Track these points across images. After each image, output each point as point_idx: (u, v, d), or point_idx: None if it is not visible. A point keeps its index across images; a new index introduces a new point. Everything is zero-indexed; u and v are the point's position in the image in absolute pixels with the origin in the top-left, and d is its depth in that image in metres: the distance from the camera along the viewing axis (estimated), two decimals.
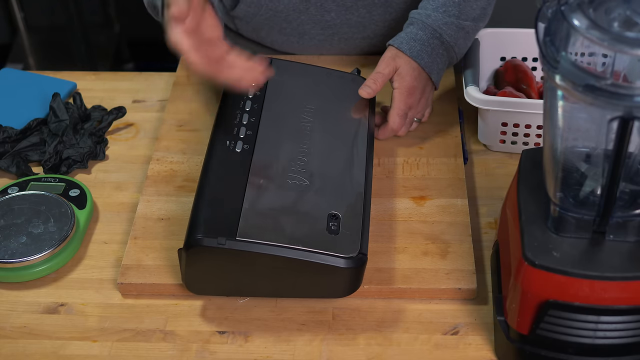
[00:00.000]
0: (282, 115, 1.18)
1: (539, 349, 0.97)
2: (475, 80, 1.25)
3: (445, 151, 1.27)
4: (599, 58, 0.84)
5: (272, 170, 1.10)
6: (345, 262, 1.01)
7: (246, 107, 1.18)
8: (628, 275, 0.91)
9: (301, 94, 1.23)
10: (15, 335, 1.07)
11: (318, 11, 1.37)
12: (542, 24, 0.86)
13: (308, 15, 1.38)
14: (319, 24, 1.39)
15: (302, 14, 1.37)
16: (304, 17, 1.38)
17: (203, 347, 1.05)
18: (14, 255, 1.11)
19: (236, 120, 1.16)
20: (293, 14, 1.37)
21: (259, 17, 1.39)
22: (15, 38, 2.68)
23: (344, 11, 1.38)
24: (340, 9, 1.37)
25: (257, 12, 1.38)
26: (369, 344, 1.05)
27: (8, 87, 1.42)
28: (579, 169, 0.94)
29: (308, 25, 1.39)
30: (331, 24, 1.39)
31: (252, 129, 1.15)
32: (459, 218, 1.17)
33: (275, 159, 1.12)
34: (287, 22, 1.39)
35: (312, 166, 1.11)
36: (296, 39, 1.41)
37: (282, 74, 1.25)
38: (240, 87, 1.12)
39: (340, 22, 1.39)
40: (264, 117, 1.17)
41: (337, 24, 1.39)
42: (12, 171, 1.26)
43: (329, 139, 1.16)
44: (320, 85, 1.26)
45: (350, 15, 1.38)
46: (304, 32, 1.40)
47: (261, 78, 1.11)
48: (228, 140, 1.13)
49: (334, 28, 1.40)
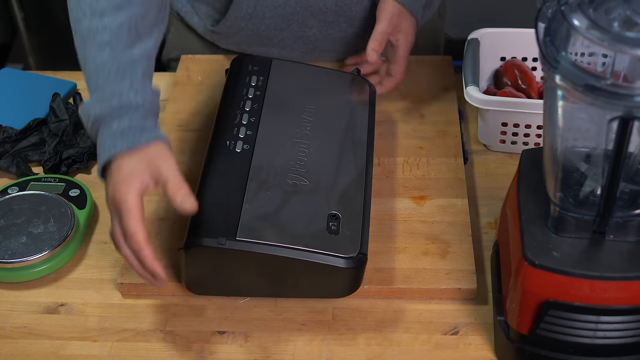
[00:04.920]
0: (282, 115, 1.18)
1: (539, 349, 0.97)
2: (475, 80, 1.25)
3: (445, 151, 1.27)
4: (599, 58, 0.84)
5: (272, 170, 1.10)
6: (346, 262, 1.01)
7: (246, 107, 1.18)
8: (628, 275, 0.91)
9: (301, 94, 1.23)
10: (15, 335, 1.07)
11: (300, 28, 1.38)
12: (542, 24, 0.86)
13: (290, 32, 1.39)
14: (301, 39, 1.40)
15: (283, 31, 1.38)
16: (285, 33, 1.39)
17: (203, 347, 1.05)
18: (14, 255, 1.11)
19: (236, 120, 1.16)
20: (274, 32, 1.38)
21: (239, 34, 1.39)
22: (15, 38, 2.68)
23: (326, 26, 1.38)
24: (321, 25, 1.38)
25: (238, 31, 1.38)
26: (369, 344, 1.05)
27: (8, 87, 1.42)
28: (579, 169, 0.94)
29: (290, 41, 1.40)
30: (313, 39, 1.40)
31: (252, 129, 1.15)
32: (459, 218, 1.17)
33: (275, 159, 1.12)
34: (269, 39, 1.40)
35: (312, 166, 1.11)
36: (277, 51, 1.41)
37: (282, 74, 1.25)
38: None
39: (322, 37, 1.40)
40: (263, 117, 1.17)
41: (319, 39, 1.40)
42: (12, 171, 1.26)
43: (329, 139, 1.16)
44: (320, 85, 1.26)
45: (332, 30, 1.39)
46: (286, 46, 1.41)
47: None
48: (228, 140, 1.13)
49: (315, 43, 1.41)
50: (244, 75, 1.23)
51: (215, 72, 1.42)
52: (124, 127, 1.00)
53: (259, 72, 1.24)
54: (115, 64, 1.02)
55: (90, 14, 1.03)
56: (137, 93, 1.01)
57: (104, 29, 1.02)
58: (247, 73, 1.24)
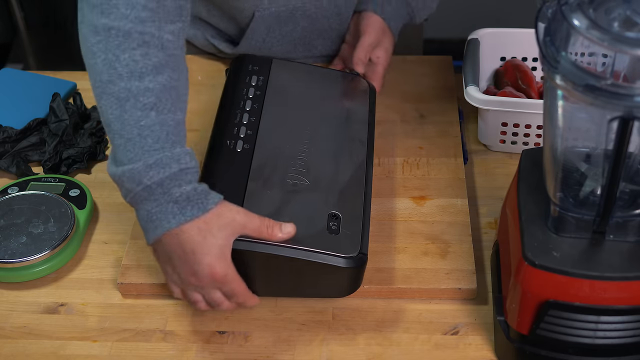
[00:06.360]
0: (282, 115, 1.18)
1: (539, 349, 0.97)
2: (475, 80, 1.25)
3: (445, 151, 1.27)
4: (599, 58, 0.84)
5: (272, 170, 1.10)
6: (346, 262, 1.01)
7: (246, 107, 1.18)
8: (628, 275, 0.91)
9: (301, 94, 1.23)
10: (15, 335, 1.07)
11: (306, 48, 1.41)
12: (542, 24, 0.86)
13: (296, 53, 1.41)
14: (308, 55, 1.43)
15: (290, 53, 1.41)
16: (292, 55, 1.41)
17: (203, 347, 1.05)
18: (14, 255, 1.11)
19: (236, 119, 1.16)
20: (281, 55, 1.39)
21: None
22: (15, 38, 2.68)
23: (330, 43, 1.41)
24: (325, 42, 1.41)
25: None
26: (369, 344, 1.05)
27: (8, 87, 1.42)
28: (579, 169, 0.94)
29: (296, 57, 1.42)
30: (318, 55, 1.43)
31: (252, 128, 1.15)
32: (459, 218, 1.17)
33: (276, 158, 1.12)
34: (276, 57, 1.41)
35: (312, 166, 1.11)
36: None
37: (282, 74, 1.25)
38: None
39: (326, 53, 1.43)
40: (264, 117, 1.17)
41: (324, 55, 1.44)
42: (12, 171, 1.26)
43: (329, 139, 1.16)
44: (321, 84, 1.26)
45: (334, 46, 1.42)
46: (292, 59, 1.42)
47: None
48: (228, 139, 1.13)
49: (322, 58, 1.44)
50: (244, 74, 1.23)
51: (215, 72, 1.42)
52: (189, 192, 0.97)
53: (260, 72, 1.24)
54: (165, 128, 0.97)
55: (127, 76, 0.97)
56: (191, 157, 0.99)
57: (147, 92, 0.97)
58: (248, 73, 1.24)
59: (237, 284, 1.00)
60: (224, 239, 0.98)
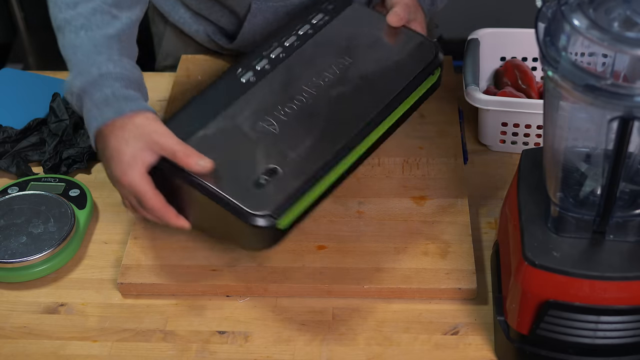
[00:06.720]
0: (315, 58, 1.10)
1: (539, 349, 0.97)
2: (475, 80, 1.25)
3: (445, 151, 1.27)
4: (599, 58, 0.84)
5: (254, 109, 1.04)
6: (250, 218, 0.95)
7: (285, 43, 1.11)
8: (628, 275, 0.91)
9: (353, 42, 1.13)
10: (15, 335, 1.07)
11: None
12: (542, 24, 0.86)
13: None
14: None
15: None
16: None
17: (203, 347, 1.05)
18: (14, 255, 1.11)
19: (266, 51, 1.10)
20: None
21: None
22: (15, 38, 2.68)
23: None
24: None
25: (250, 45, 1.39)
26: (369, 344, 1.05)
27: (8, 87, 1.42)
28: (579, 169, 0.94)
29: None
30: None
31: (273, 63, 1.08)
32: (459, 218, 1.17)
33: (269, 98, 1.05)
34: None
35: (300, 114, 1.04)
36: None
37: (350, 19, 1.15)
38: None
39: None
40: (295, 56, 1.10)
41: None
42: (12, 171, 1.26)
43: (346, 94, 1.07)
44: (383, 39, 1.15)
45: None
46: None
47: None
48: (242, 67, 1.09)
49: None
50: (311, 9, 1.16)
51: (216, 72, 1.42)
52: (107, 96, 1.03)
53: (329, 11, 1.15)
54: (92, 42, 1.05)
55: (64, 8, 1.08)
56: (116, 64, 1.04)
57: (78, 16, 1.06)
58: (316, 9, 1.15)
59: (149, 197, 1.02)
60: (137, 150, 1.01)
